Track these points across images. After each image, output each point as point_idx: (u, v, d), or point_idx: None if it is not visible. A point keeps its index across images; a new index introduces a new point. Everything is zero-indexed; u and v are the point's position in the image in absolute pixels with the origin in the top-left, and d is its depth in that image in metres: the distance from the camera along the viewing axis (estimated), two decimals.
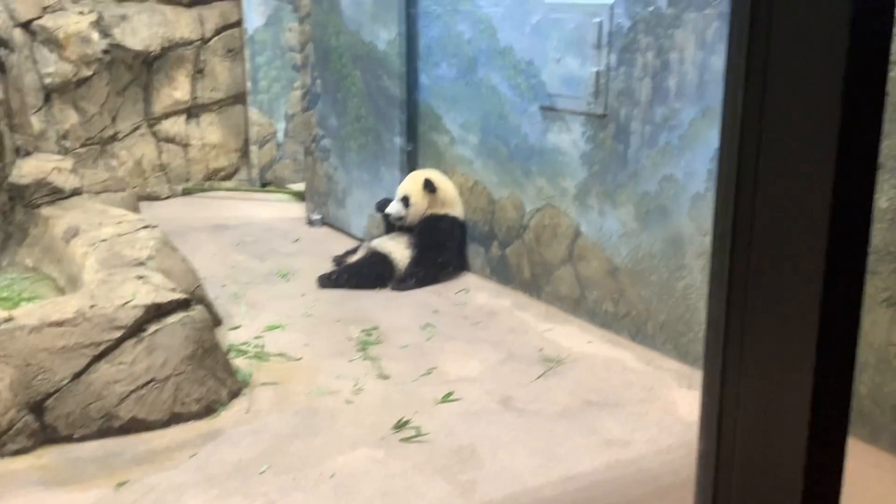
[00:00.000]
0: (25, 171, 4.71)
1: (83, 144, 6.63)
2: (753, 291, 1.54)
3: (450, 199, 5.07)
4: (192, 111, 7.24)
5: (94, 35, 6.46)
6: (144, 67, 6.88)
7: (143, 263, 3.78)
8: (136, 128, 6.97)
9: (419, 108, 5.34)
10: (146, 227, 4.24)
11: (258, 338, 4.13)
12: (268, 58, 7.37)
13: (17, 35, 6.11)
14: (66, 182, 4.79)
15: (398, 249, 5.02)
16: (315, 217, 6.29)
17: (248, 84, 7.35)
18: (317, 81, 6.08)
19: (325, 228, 6.22)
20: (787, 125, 1.43)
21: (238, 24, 7.27)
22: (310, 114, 6.25)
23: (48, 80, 6.32)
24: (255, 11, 7.25)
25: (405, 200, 5.03)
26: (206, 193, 7.28)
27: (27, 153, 4.93)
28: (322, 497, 2.85)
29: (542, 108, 4.47)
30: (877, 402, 3.10)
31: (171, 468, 3.02)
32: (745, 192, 1.51)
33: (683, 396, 3.55)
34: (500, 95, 4.72)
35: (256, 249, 5.69)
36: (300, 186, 6.99)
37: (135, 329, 3.28)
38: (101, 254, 3.89)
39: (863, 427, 3.13)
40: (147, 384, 3.24)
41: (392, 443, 3.20)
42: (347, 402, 3.51)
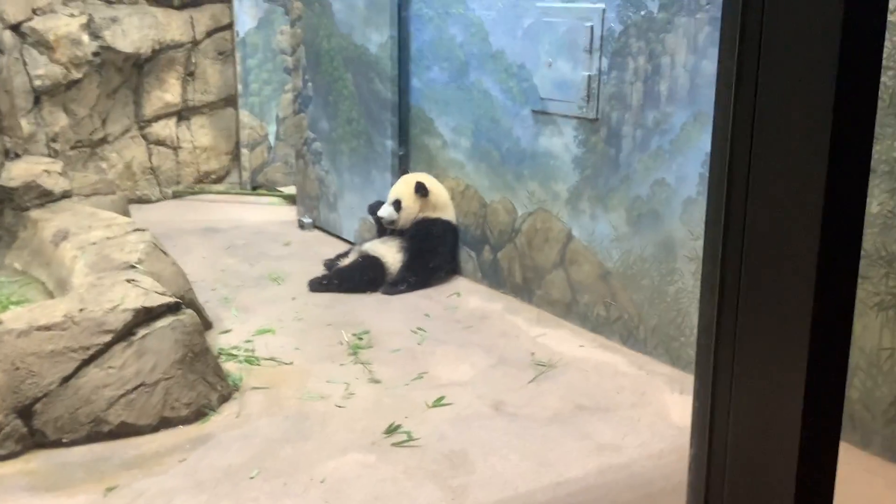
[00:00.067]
0: (15, 174, 4.68)
1: (73, 147, 6.60)
2: (745, 296, 1.53)
3: (441, 203, 5.06)
4: (183, 114, 7.22)
5: (85, 37, 6.43)
6: (135, 70, 6.86)
7: (133, 267, 3.76)
8: (127, 130, 6.94)
9: (411, 112, 5.33)
10: (136, 231, 4.22)
11: (249, 342, 4.12)
12: (259, 60, 7.35)
13: (7, 37, 6.08)
14: (56, 185, 4.76)
15: (390, 253, 5.01)
16: (306, 220, 6.28)
17: (240, 87, 7.33)
18: (308, 84, 6.07)
19: (317, 232, 6.21)
20: (779, 130, 1.43)
21: (229, 27, 7.25)
22: (301, 117, 6.24)
23: (38, 83, 6.29)
24: (247, 14, 7.23)
25: (397, 204, 5.02)
26: (197, 196, 7.26)
27: (16, 156, 4.90)
28: (313, 502, 2.84)
29: (534, 112, 4.47)
30: (868, 407, 3.10)
31: (161, 473, 3.00)
32: (737, 197, 1.51)
33: (675, 401, 3.55)
34: (492, 99, 4.71)
35: (247, 253, 5.68)
36: (291, 189, 6.97)
37: (124, 333, 3.26)
38: (91, 257, 3.87)
39: (854, 432, 3.13)
40: (136, 388, 3.22)
41: (383, 447, 3.19)
42: (338, 407, 3.50)
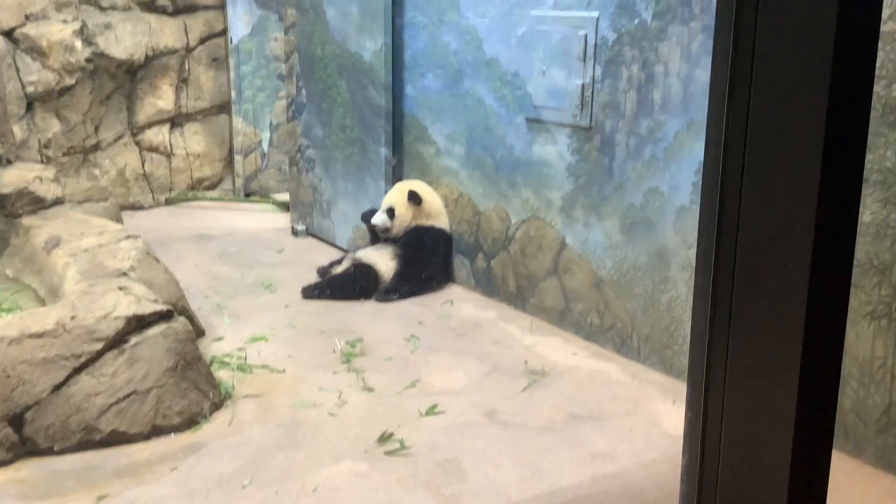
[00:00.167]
0: (7, 181, 4.67)
1: (65, 154, 6.58)
2: (737, 306, 1.53)
3: (435, 211, 5.06)
4: (176, 120, 7.20)
5: (78, 43, 6.42)
6: (128, 76, 6.85)
7: (125, 274, 3.75)
8: (120, 137, 6.92)
9: (405, 119, 5.33)
10: (128, 238, 4.20)
11: (241, 349, 4.10)
12: (253, 67, 7.35)
13: (0, 43, 6.07)
14: (48, 191, 4.75)
15: (383, 260, 5.00)
16: (300, 227, 6.27)
17: (233, 93, 7.32)
18: (302, 91, 6.07)
19: (310, 239, 6.20)
20: (772, 139, 1.43)
21: (223, 33, 7.25)
22: (295, 124, 6.23)
23: (31, 89, 6.27)
24: (241, 20, 7.23)
25: (390, 212, 5.02)
26: (190, 203, 7.23)
27: (8, 162, 4.89)
28: None
29: (528, 120, 4.47)
30: (861, 416, 3.10)
31: (152, 482, 2.98)
32: (730, 207, 1.51)
33: (668, 410, 3.55)
34: (486, 107, 4.72)
35: (240, 260, 5.66)
36: (285, 196, 6.96)
37: (116, 341, 3.25)
38: (83, 264, 3.85)
39: (847, 441, 3.14)
40: (128, 396, 3.21)
41: (376, 456, 3.18)
42: (331, 415, 3.49)
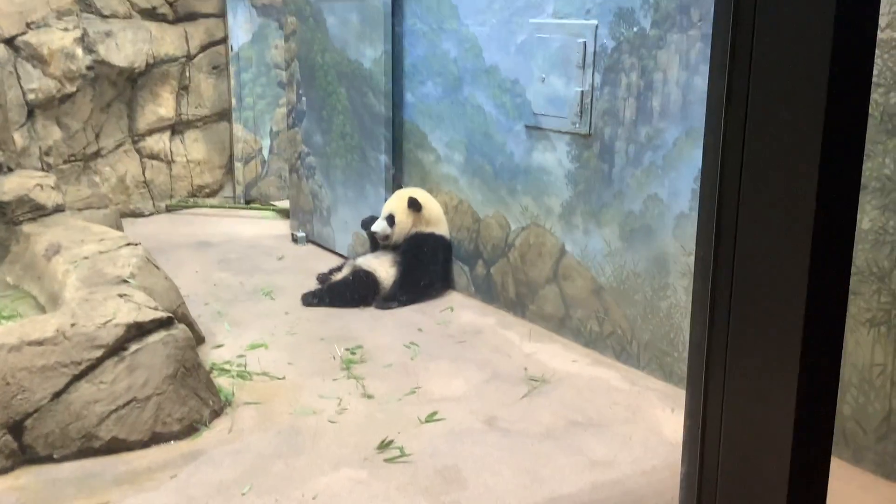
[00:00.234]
0: (7, 188, 4.67)
1: (66, 161, 6.59)
2: (736, 313, 1.54)
3: (435, 218, 5.06)
4: (177, 127, 7.22)
5: (79, 51, 6.44)
6: (129, 84, 6.86)
7: (126, 281, 3.75)
8: (120, 144, 6.94)
9: (404, 127, 5.34)
10: (128, 245, 4.21)
11: (241, 356, 4.10)
12: (253, 75, 7.36)
13: (1, 51, 6.08)
14: (49, 199, 4.75)
15: (383, 267, 5.00)
16: (300, 234, 6.27)
17: (233, 101, 7.34)
18: (302, 99, 6.08)
19: (310, 246, 6.20)
20: (769, 147, 1.44)
21: (223, 41, 7.27)
22: (295, 131, 6.25)
23: (31, 97, 6.28)
24: (241, 28, 7.25)
25: (390, 219, 5.02)
26: (190, 210, 7.25)
27: (9, 169, 4.90)
28: None
29: (528, 128, 4.48)
30: (860, 423, 3.10)
31: (152, 489, 2.98)
32: (728, 214, 1.51)
33: (668, 417, 3.55)
34: (486, 114, 4.73)
35: (240, 267, 5.67)
36: (285, 204, 6.97)
37: (116, 348, 3.25)
38: (83, 271, 3.85)
39: (846, 448, 3.13)
40: (128, 404, 3.21)
41: (375, 463, 3.18)
42: (331, 422, 3.49)
